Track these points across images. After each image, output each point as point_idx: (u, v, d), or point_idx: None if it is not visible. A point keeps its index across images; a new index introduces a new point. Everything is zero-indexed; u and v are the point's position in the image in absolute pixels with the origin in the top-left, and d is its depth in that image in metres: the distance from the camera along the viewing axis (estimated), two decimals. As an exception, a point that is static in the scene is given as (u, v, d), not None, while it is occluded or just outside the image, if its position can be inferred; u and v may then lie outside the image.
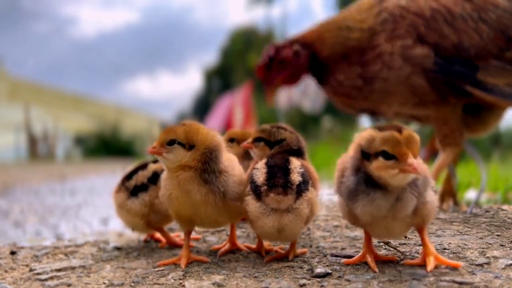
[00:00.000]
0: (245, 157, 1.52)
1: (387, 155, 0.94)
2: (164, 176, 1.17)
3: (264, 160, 1.18)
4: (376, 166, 0.96)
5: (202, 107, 28.90)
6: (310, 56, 1.78)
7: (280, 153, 1.22)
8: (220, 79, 31.67)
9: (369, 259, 1.07)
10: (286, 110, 10.97)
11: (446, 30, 1.61)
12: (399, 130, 0.95)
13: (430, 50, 1.61)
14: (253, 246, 1.30)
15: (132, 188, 1.35)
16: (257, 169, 1.15)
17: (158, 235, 1.50)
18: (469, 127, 1.76)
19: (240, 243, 1.40)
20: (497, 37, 1.61)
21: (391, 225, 1.02)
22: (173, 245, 1.41)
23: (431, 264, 1.00)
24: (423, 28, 1.62)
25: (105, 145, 22.35)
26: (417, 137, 0.96)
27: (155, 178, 1.32)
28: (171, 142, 1.13)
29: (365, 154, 0.99)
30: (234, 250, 1.30)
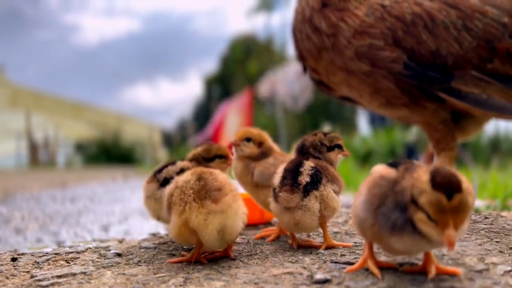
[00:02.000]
0: (258, 158, 1.55)
1: (429, 217, 0.90)
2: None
3: (283, 165, 1.36)
4: (419, 219, 0.92)
5: (202, 114, 28.97)
6: None
7: (299, 157, 1.41)
8: (220, 87, 31.78)
9: (371, 264, 1.08)
10: (284, 116, 10.98)
11: (424, 36, 1.58)
12: (452, 189, 0.88)
13: (403, 54, 1.59)
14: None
15: (162, 179, 1.46)
16: (277, 173, 1.35)
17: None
18: None
19: (241, 249, 1.40)
20: (480, 47, 1.58)
21: (411, 250, 1.02)
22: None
23: (432, 272, 1.01)
24: (401, 32, 1.60)
25: (106, 152, 22.36)
26: (468, 204, 0.88)
27: (182, 173, 1.41)
28: None
29: (414, 200, 0.94)
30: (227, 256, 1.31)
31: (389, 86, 1.62)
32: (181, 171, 1.43)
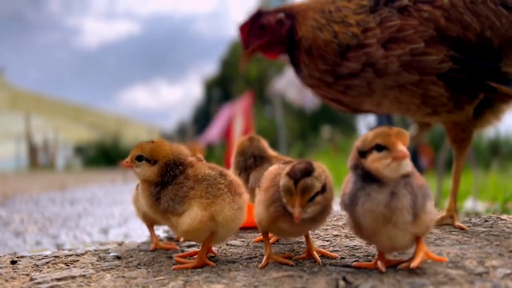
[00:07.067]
0: (254, 164, 1.57)
1: (379, 147, 1.02)
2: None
3: None
4: (371, 160, 1.03)
5: (202, 117, 29.00)
6: (290, 29, 1.57)
7: None
8: (220, 90, 31.81)
9: (380, 264, 1.11)
10: (285, 119, 10.97)
11: (469, 18, 1.44)
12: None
13: (448, 50, 1.44)
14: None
15: None
16: None
17: (163, 244, 1.56)
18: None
19: (241, 252, 1.40)
20: None
21: (393, 233, 1.05)
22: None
23: (416, 260, 1.05)
24: (443, 20, 1.44)
25: (105, 155, 22.33)
26: (405, 131, 1.04)
27: None
28: (139, 158, 1.28)
29: (362, 153, 1.06)
30: (233, 258, 1.31)
31: (439, 92, 1.47)
32: None
